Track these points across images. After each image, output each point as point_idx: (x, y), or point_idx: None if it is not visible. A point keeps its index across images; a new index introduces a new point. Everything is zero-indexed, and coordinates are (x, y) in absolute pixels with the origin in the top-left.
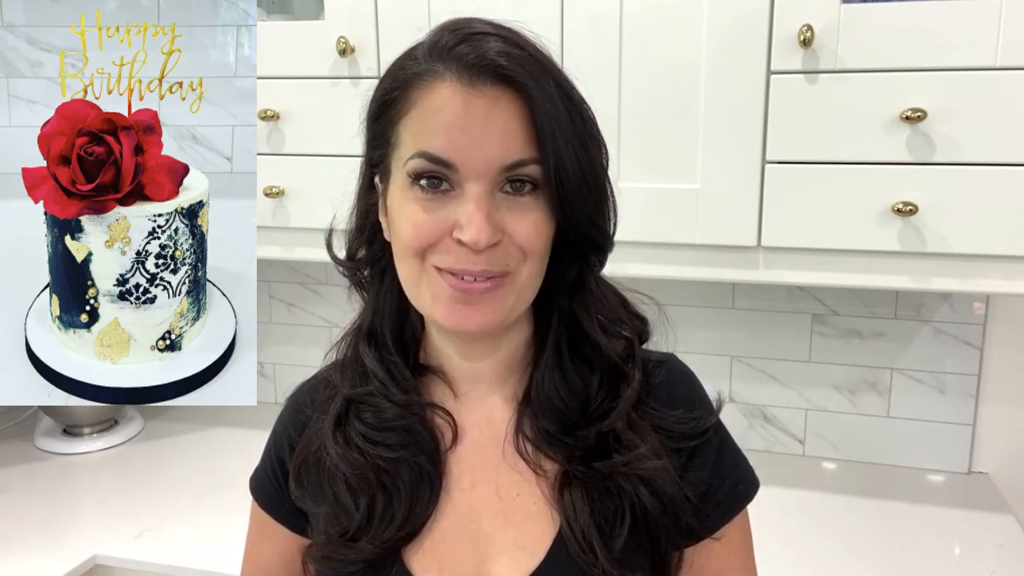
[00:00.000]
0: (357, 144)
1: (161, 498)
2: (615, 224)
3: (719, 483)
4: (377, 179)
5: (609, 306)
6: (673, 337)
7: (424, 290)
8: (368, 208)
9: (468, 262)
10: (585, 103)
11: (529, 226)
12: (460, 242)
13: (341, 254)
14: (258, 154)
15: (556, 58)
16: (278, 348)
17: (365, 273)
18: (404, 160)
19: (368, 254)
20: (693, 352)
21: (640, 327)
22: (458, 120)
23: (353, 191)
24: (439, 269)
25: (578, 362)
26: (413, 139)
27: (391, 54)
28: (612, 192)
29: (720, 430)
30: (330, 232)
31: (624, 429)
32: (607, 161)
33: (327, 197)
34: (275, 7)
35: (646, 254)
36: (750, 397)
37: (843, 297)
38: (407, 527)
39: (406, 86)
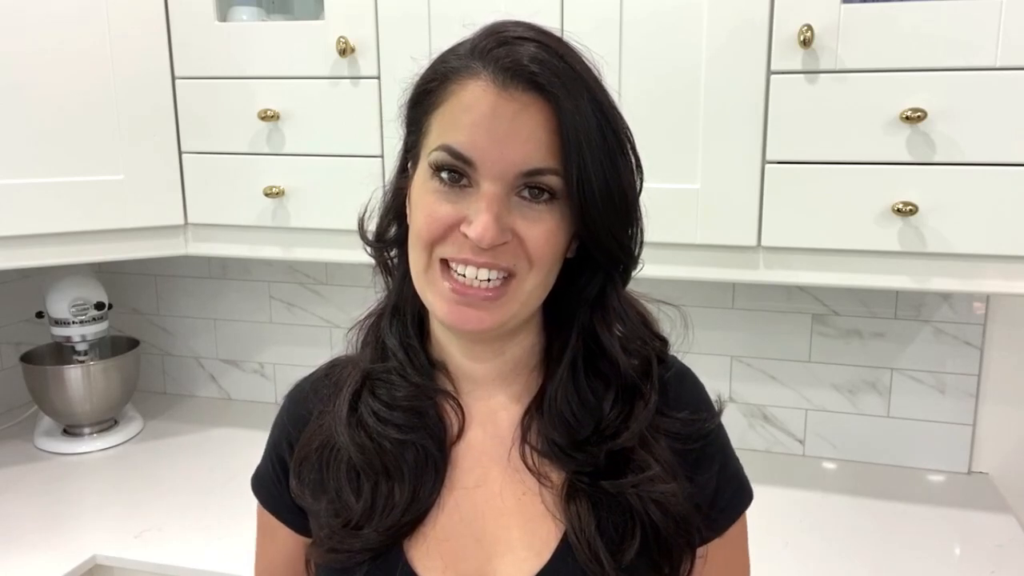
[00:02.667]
0: (358, 144)
1: (161, 498)
2: (640, 244)
3: (725, 484)
4: (409, 164)
5: (630, 323)
6: (691, 341)
7: (428, 284)
8: (399, 189)
9: (472, 253)
10: (622, 121)
11: (539, 233)
12: (468, 236)
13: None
14: (258, 154)
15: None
16: (278, 348)
17: (392, 254)
18: (429, 150)
19: (397, 234)
20: (693, 352)
21: (660, 347)
22: (484, 120)
23: (380, 181)
24: (445, 264)
25: (593, 378)
26: (440, 132)
27: (391, 54)
28: (640, 213)
29: (722, 432)
30: (363, 216)
31: (636, 448)
32: (641, 183)
33: (327, 197)
34: (275, 7)
35: (646, 254)
36: (750, 397)
37: (843, 297)
38: (410, 513)
39: (444, 79)
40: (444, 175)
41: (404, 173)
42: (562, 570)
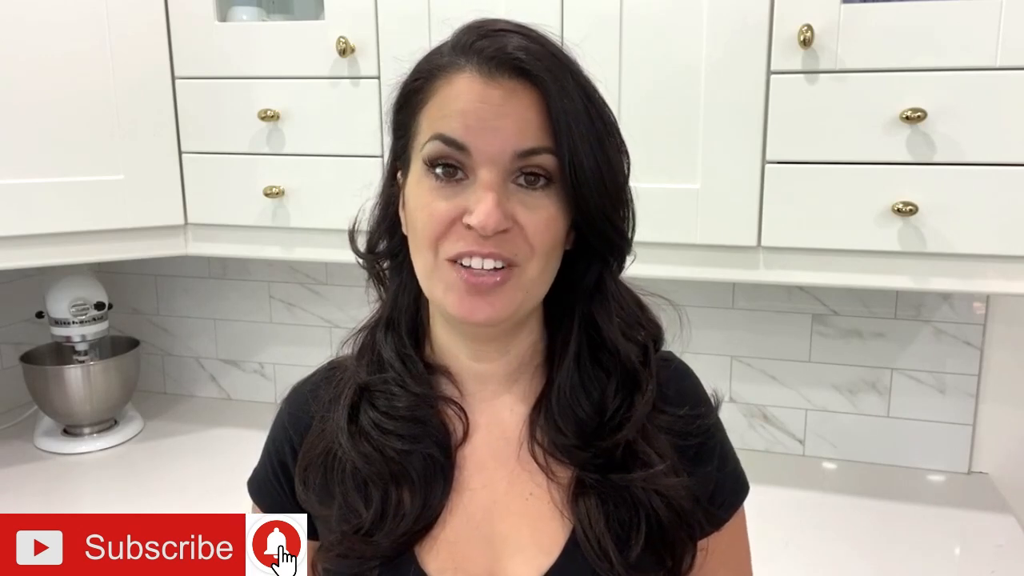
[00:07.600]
0: (358, 144)
1: (161, 498)
2: (633, 227)
3: (724, 478)
4: (399, 172)
5: (628, 309)
6: (688, 338)
7: (437, 282)
8: (390, 200)
9: (477, 244)
10: (606, 107)
11: (539, 220)
12: (470, 227)
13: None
14: (258, 154)
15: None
16: (278, 348)
17: (384, 266)
18: (421, 146)
19: (389, 246)
20: (693, 352)
21: (655, 333)
22: (473, 106)
23: (378, 183)
24: (451, 261)
25: (597, 370)
26: (430, 125)
27: (391, 54)
28: (631, 198)
29: (719, 425)
30: (353, 226)
31: (638, 440)
32: (628, 169)
33: (327, 197)
34: (275, 7)
35: (646, 254)
36: (750, 397)
37: (843, 297)
38: (422, 520)
39: (429, 77)
40: (439, 170)
41: (394, 181)
42: (571, 568)
